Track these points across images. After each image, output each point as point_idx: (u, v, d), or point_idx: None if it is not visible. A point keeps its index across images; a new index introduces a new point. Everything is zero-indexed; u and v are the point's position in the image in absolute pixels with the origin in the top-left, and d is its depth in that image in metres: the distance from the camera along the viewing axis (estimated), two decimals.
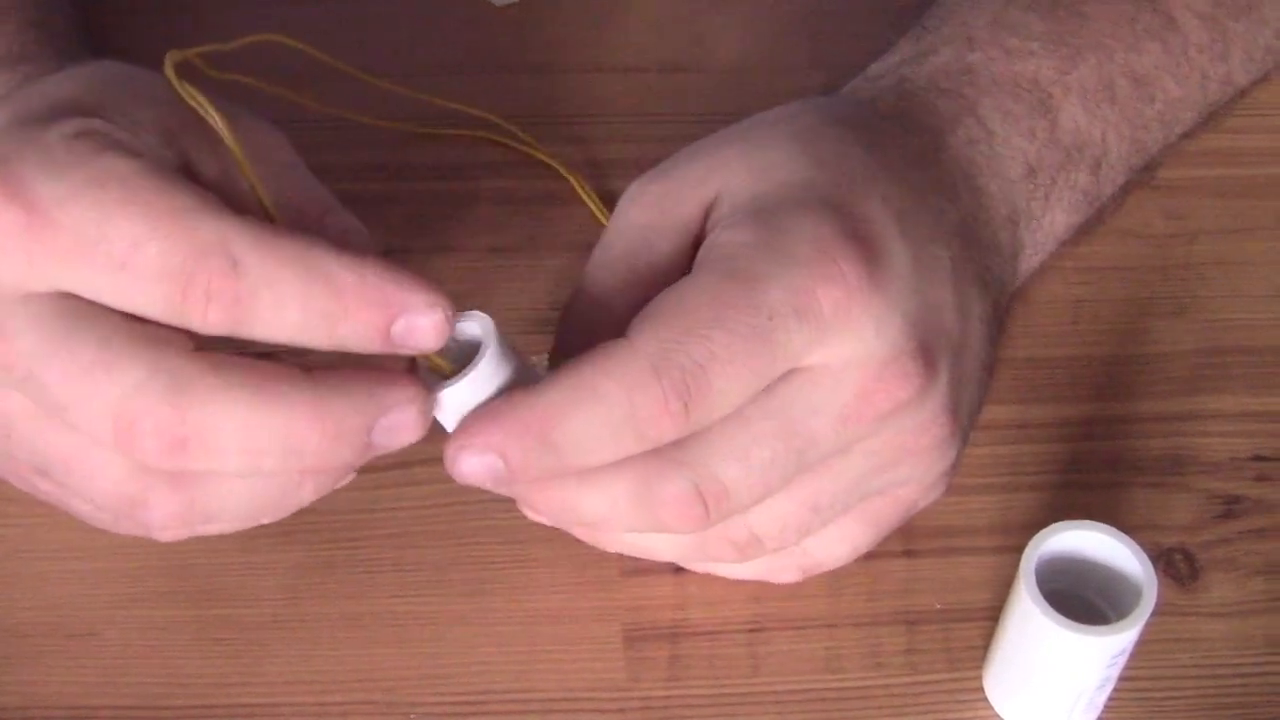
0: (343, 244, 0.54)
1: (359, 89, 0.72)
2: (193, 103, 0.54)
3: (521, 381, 0.54)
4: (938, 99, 0.66)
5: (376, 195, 0.76)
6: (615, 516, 0.56)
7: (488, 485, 0.54)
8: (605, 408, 0.52)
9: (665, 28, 0.84)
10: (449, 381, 0.54)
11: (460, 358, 0.54)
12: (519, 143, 0.77)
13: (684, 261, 0.58)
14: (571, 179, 0.76)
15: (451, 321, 0.52)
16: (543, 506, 0.56)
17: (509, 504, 0.65)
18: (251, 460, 0.52)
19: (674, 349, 0.52)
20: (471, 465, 0.53)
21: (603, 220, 0.74)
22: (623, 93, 0.81)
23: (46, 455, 0.55)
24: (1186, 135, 0.74)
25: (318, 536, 0.65)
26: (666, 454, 0.55)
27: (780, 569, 0.61)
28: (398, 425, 0.53)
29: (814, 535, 0.60)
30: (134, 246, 0.50)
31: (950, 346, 0.58)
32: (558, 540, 0.64)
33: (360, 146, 0.76)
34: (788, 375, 0.55)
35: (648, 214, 0.59)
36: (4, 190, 0.51)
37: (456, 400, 0.54)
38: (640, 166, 0.76)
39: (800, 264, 0.54)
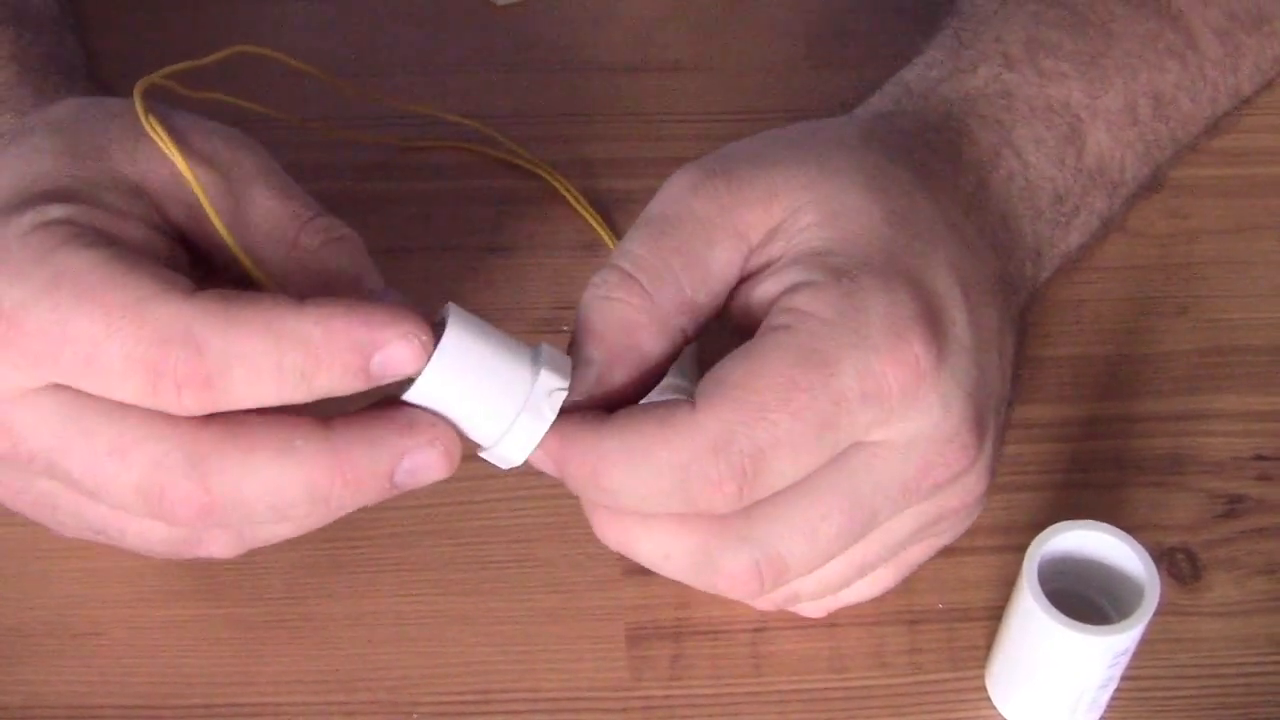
0: (323, 264, 0.55)
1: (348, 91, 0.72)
2: (162, 145, 0.54)
3: (507, 357, 0.54)
4: (978, 127, 0.65)
5: (377, 194, 0.76)
6: (669, 569, 0.57)
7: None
8: (658, 474, 0.53)
9: (666, 28, 0.84)
10: (415, 381, 0.53)
11: None
12: (505, 152, 0.77)
13: (734, 272, 0.57)
14: (559, 185, 0.75)
15: (428, 345, 0.52)
16: (603, 534, 0.57)
17: (511, 504, 0.65)
18: (279, 512, 0.53)
19: (738, 430, 0.52)
20: (538, 454, 0.55)
21: (594, 224, 0.74)
22: (624, 93, 0.81)
23: (95, 524, 0.56)
24: (1191, 146, 0.74)
25: (320, 536, 0.64)
26: (732, 526, 0.55)
27: (808, 609, 0.62)
28: (420, 467, 0.53)
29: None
30: (95, 345, 0.50)
31: (995, 407, 0.58)
32: (560, 540, 0.64)
33: (362, 146, 0.76)
34: (852, 449, 0.55)
35: (708, 208, 0.57)
36: None
37: (431, 392, 0.53)
38: (642, 166, 0.77)
39: (873, 347, 0.54)
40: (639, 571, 0.62)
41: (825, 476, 0.55)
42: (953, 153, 0.64)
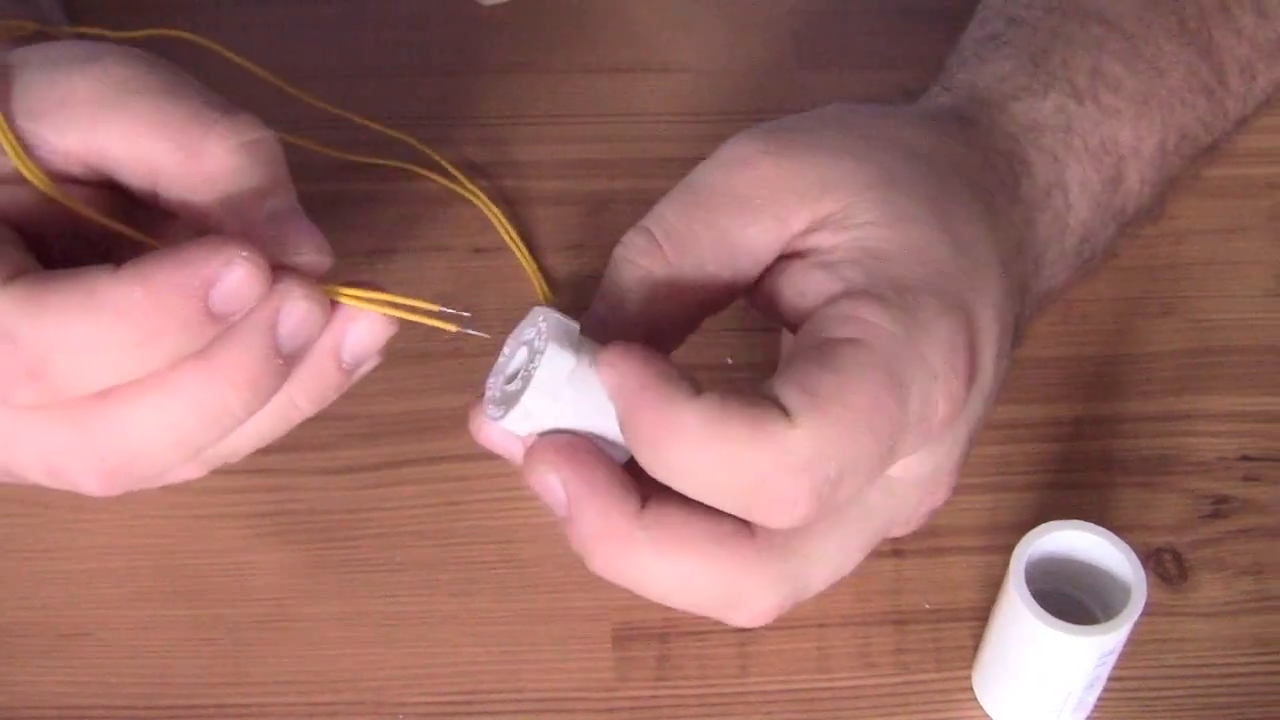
0: (229, 175, 0.51)
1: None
2: None
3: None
4: (1038, 160, 0.63)
5: (365, 195, 0.75)
6: (685, 601, 0.54)
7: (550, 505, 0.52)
8: (734, 474, 0.50)
9: (656, 29, 0.84)
10: (506, 406, 0.52)
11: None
12: (443, 175, 0.76)
13: (769, 254, 0.55)
14: (495, 219, 0.75)
15: (260, 263, 0.49)
16: (605, 567, 0.53)
17: (497, 504, 0.65)
18: (187, 448, 0.50)
19: (829, 453, 0.50)
20: (610, 376, 0.51)
21: (537, 284, 0.74)
22: (613, 94, 0.81)
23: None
24: (1194, 175, 0.73)
25: (308, 537, 0.64)
26: (768, 561, 0.53)
27: None
28: (234, 289, 0.49)
29: None
30: None
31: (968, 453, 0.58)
32: (546, 540, 0.64)
33: (353, 146, 0.76)
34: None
35: (753, 188, 0.55)
36: None
37: (527, 422, 0.53)
38: (630, 168, 0.76)
39: (934, 374, 0.52)
40: None
41: (854, 509, 0.54)
42: (1012, 184, 0.62)
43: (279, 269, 0.50)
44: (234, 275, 0.48)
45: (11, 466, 0.52)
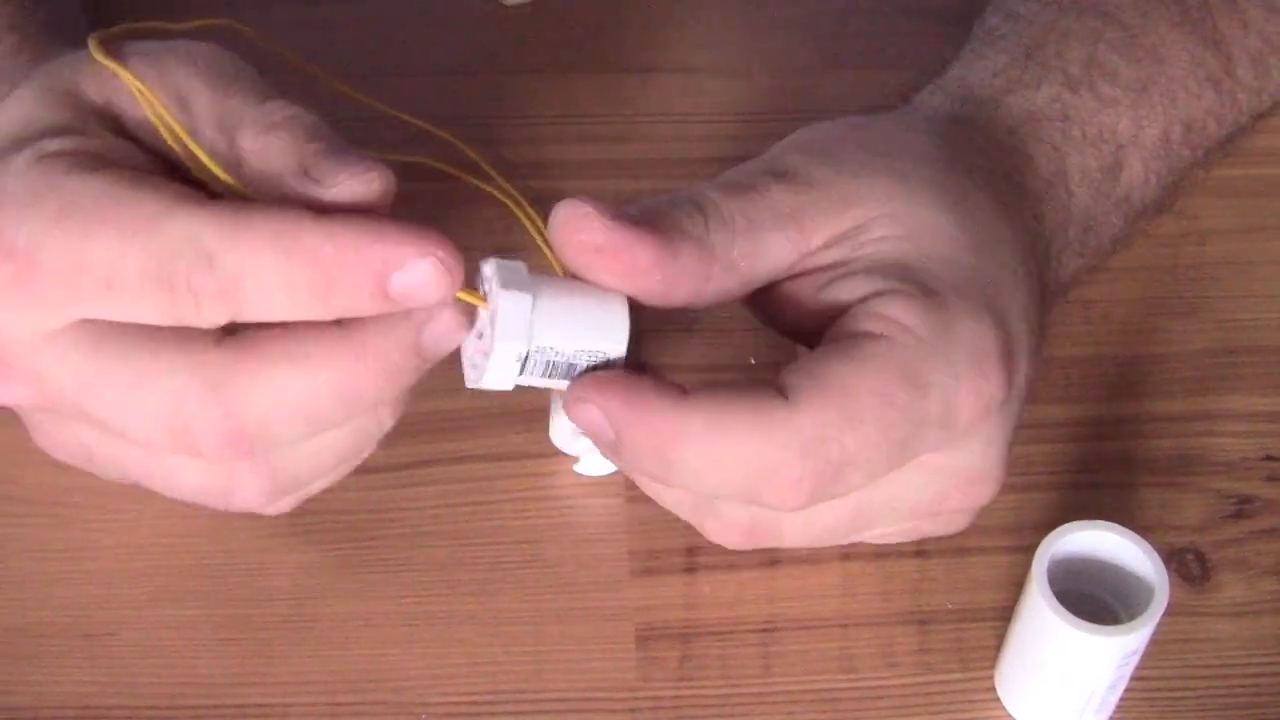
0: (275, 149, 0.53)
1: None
2: (130, 80, 0.54)
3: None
4: (1038, 153, 0.64)
5: None
6: (667, 500, 0.56)
7: (588, 436, 0.53)
8: (740, 462, 0.51)
9: (677, 30, 0.84)
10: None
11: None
12: (472, 170, 0.76)
13: (784, 263, 0.56)
14: (518, 209, 0.75)
15: (452, 266, 0.51)
16: (662, 469, 0.53)
17: (520, 505, 0.65)
18: (313, 423, 0.52)
19: (831, 436, 0.51)
20: (589, 416, 0.53)
21: (545, 250, 0.74)
22: (633, 94, 0.81)
23: (130, 470, 0.56)
24: (1205, 166, 0.73)
25: (329, 536, 0.64)
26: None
27: None
28: (442, 332, 0.52)
29: None
30: (112, 265, 0.50)
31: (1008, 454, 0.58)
32: (568, 541, 0.64)
33: (370, 144, 0.76)
34: None
35: (783, 199, 0.56)
36: None
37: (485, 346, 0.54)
38: (653, 168, 0.76)
39: (958, 375, 0.53)
40: (648, 573, 0.62)
41: None
42: (1018, 180, 0.63)
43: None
44: (420, 270, 0.50)
45: (132, 425, 0.52)
